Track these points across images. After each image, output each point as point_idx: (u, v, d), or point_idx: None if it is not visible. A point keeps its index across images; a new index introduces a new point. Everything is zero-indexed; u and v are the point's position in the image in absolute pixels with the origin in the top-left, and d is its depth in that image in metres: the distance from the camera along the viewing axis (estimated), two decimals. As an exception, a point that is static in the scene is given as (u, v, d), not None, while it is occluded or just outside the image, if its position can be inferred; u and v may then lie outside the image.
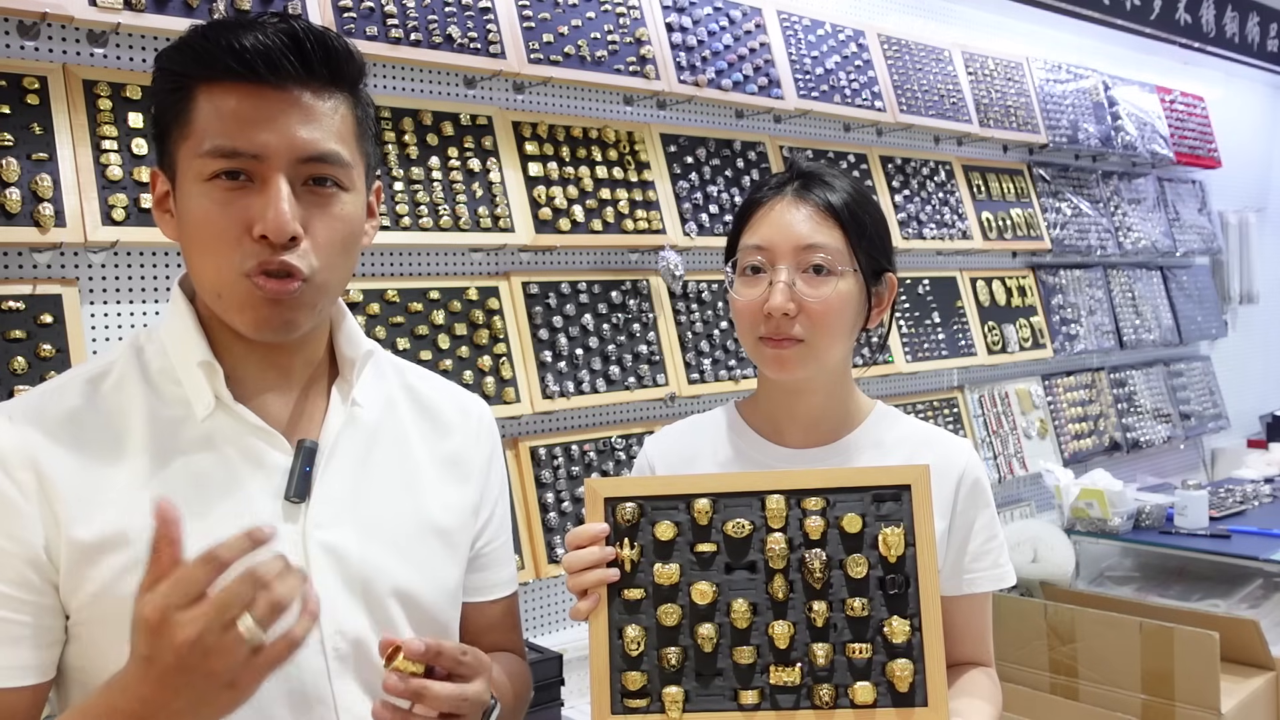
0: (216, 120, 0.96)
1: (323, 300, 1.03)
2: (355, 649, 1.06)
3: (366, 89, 1.08)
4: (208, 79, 0.97)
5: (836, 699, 1.14)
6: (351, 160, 1.03)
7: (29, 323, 1.80)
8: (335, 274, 1.03)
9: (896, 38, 3.44)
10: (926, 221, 3.46)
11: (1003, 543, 1.37)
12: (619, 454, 2.58)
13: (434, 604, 1.14)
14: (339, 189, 1.02)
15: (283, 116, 0.97)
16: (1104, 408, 4.22)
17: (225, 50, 0.95)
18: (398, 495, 1.13)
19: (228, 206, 0.97)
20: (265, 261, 0.96)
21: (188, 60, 0.98)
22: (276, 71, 0.96)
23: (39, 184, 1.80)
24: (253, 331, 1.01)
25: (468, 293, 2.38)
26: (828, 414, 1.38)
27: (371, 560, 1.07)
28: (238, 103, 0.96)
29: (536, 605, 2.55)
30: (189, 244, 1.01)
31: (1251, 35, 5.22)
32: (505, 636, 1.29)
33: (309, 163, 0.99)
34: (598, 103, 2.71)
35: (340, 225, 1.02)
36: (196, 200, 0.98)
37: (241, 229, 0.96)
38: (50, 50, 1.91)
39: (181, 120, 0.99)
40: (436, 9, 2.30)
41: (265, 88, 0.97)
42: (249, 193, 0.97)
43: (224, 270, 0.98)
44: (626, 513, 1.19)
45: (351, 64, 1.03)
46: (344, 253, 1.04)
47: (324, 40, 0.99)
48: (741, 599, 1.16)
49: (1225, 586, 3.22)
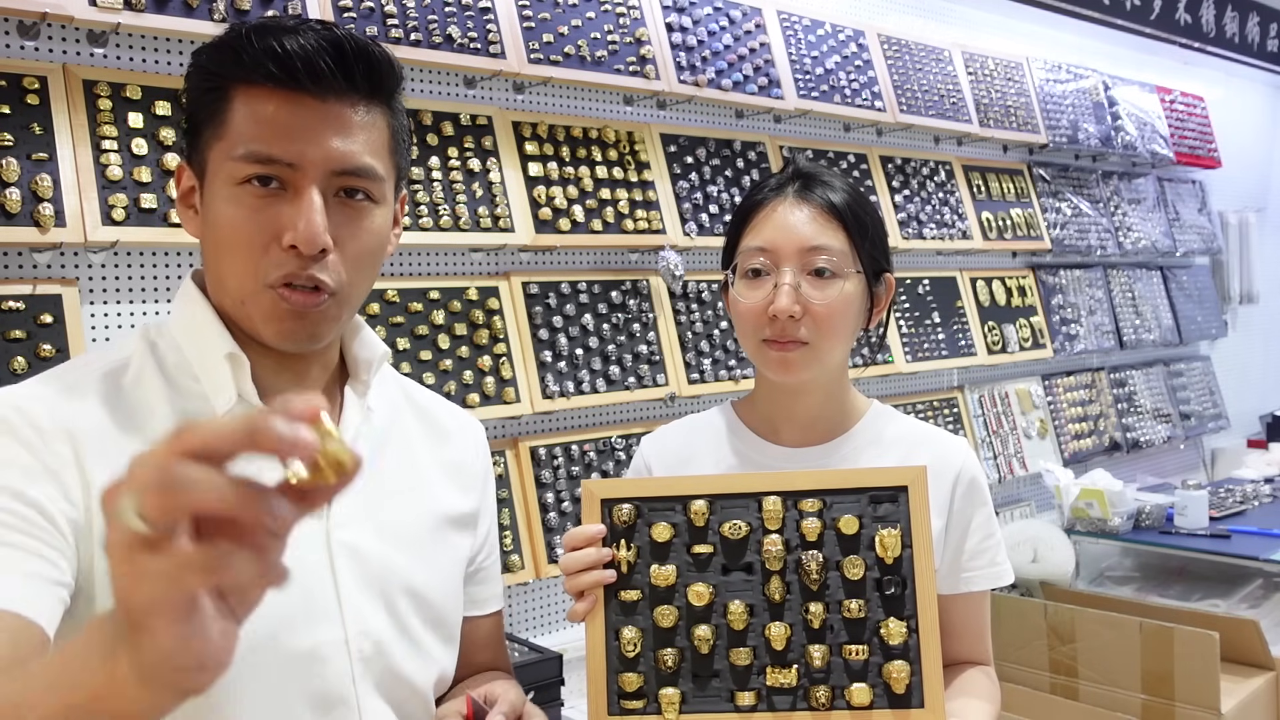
0: (253, 125, 0.95)
1: (346, 313, 1.03)
2: (377, 651, 1.04)
3: (402, 99, 1.06)
4: (246, 81, 0.95)
5: (833, 700, 1.14)
6: (385, 174, 1.01)
7: (29, 323, 1.80)
8: (360, 287, 1.03)
9: (896, 38, 3.44)
10: (926, 221, 3.46)
11: (999, 541, 1.37)
12: (619, 454, 2.58)
13: (443, 604, 1.13)
14: (370, 202, 1.00)
15: (321, 126, 0.95)
16: (1104, 408, 4.22)
17: (266, 54, 0.93)
18: (407, 496, 1.13)
19: (258, 213, 0.95)
20: (292, 274, 0.95)
21: (226, 60, 0.96)
22: (317, 80, 0.94)
23: (39, 184, 1.80)
24: (276, 342, 1.00)
25: (468, 293, 2.38)
26: (825, 414, 1.38)
27: (388, 560, 1.06)
28: (275, 109, 0.94)
29: (536, 605, 2.55)
30: (214, 246, 0.99)
31: (1251, 35, 5.22)
32: (496, 654, 1.29)
33: (343, 175, 0.97)
34: (598, 103, 2.71)
35: (369, 238, 1.01)
36: (226, 203, 0.96)
37: (270, 237, 0.95)
38: (50, 50, 1.91)
39: (216, 120, 0.97)
40: (436, 9, 2.30)
41: (304, 95, 0.95)
42: (280, 201, 0.95)
43: (248, 278, 0.97)
44: (623, 514, 1.19)
45: (391, 76, 1.01)
46: (370, 266, 1.03)
47: (366, 50, 0.97)
48: (738, 600, 1.17)
49: (1225, 586, 3.22)
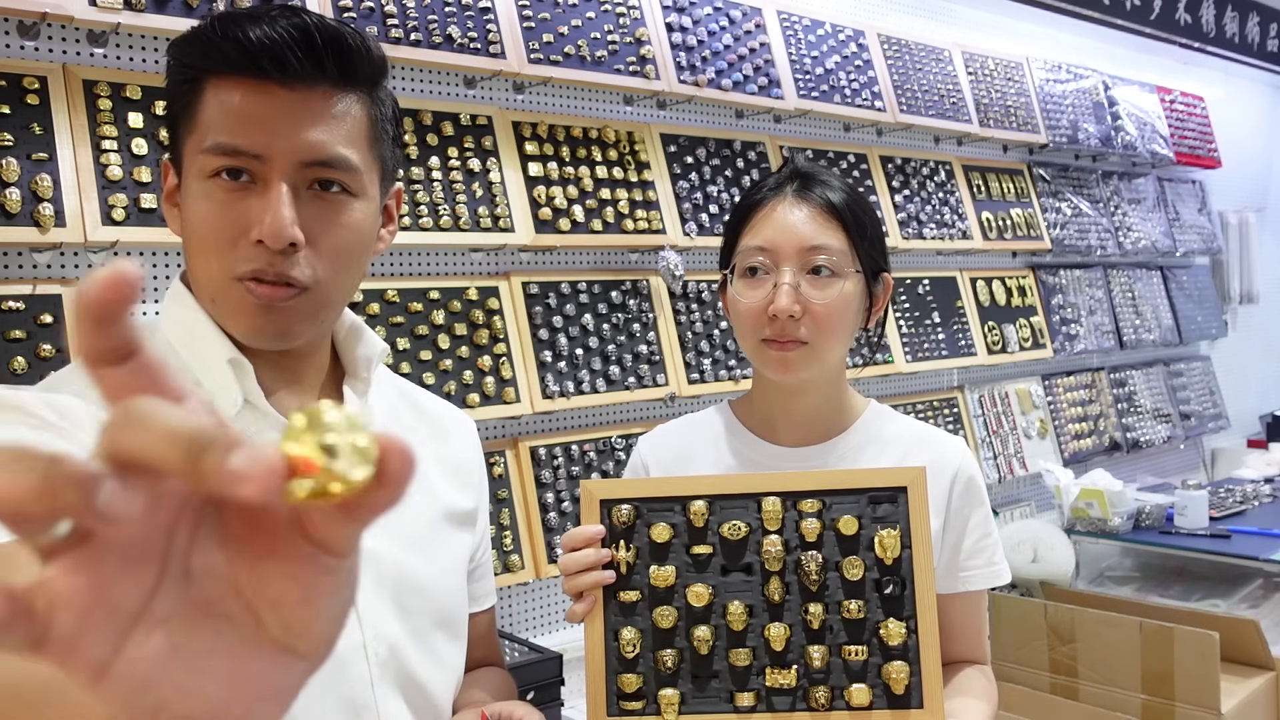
0: (221, 116, 0.92)
1: (326, 312, 0.99)
2: (392, 654, 1.03)
3: (387, 88, 1.02)
4: (215, 72, 0.93)
5: (832, 701, 1.14)
6: (362, 165, 0.97)
7: (29, 323, 1.80)
8: (339, 284, 0.98)
9: (896, 38, 3.44)
10: (926, 221, 3.46)
11: (997, 540, 1.37)
12: (619, 454, 2.58)
13: (451, 604, 1.13)
14: (347, 195, 0.97)
15: (289, 117, 0.92)
16: (1104, 408, 4.22)
17: (230, 43, 0.91)
18: (411, 496, 1.10)
19: (227, 207, 0.92)
20: (260, 270, 0.92)
21: (196, 52, 0.94)
22: (283, 68, 0.91)
23: (39, 184, 1.80)
24: (248, 339, 0.97)
25: (468, 293, 2.38)
26: (823, 413, 1.38)
27: (399, 561, 1.05)
28: (242, 99, 0.92)
29: (536, 605, 2.55)
30: (189, 242, 0.97)
31: (1251, 35, 5.22)
32: (489, 649, 1.30)
33: (314, 166, 0.94)
34: (598, 103, 2.71)
35: (346, 233, 0.97)
36: (197, 198, 0.94)
37: (238, 231, 0.92)
38: (50, 50, 1.91)
39: (189, 114, 0.95)
40: (436, 9, 2.30)
41: (272, 84, 0.92)
42: (250, 194, 0.92)
43: (216, 273, 0.94)
44: (622, 514, 1.19)
45: (367, 63, 0.97)
46: (350, 262, 0.98)
47: (338, 37, 0.94)
48: (737, 601, 1.17)
49: (1225, 586, 3.22)
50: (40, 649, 0.34)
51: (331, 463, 0.35)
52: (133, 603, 0.35)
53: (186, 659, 0.36)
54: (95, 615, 0.34)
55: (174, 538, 0.37)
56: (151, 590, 0.36)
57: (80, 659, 0.34)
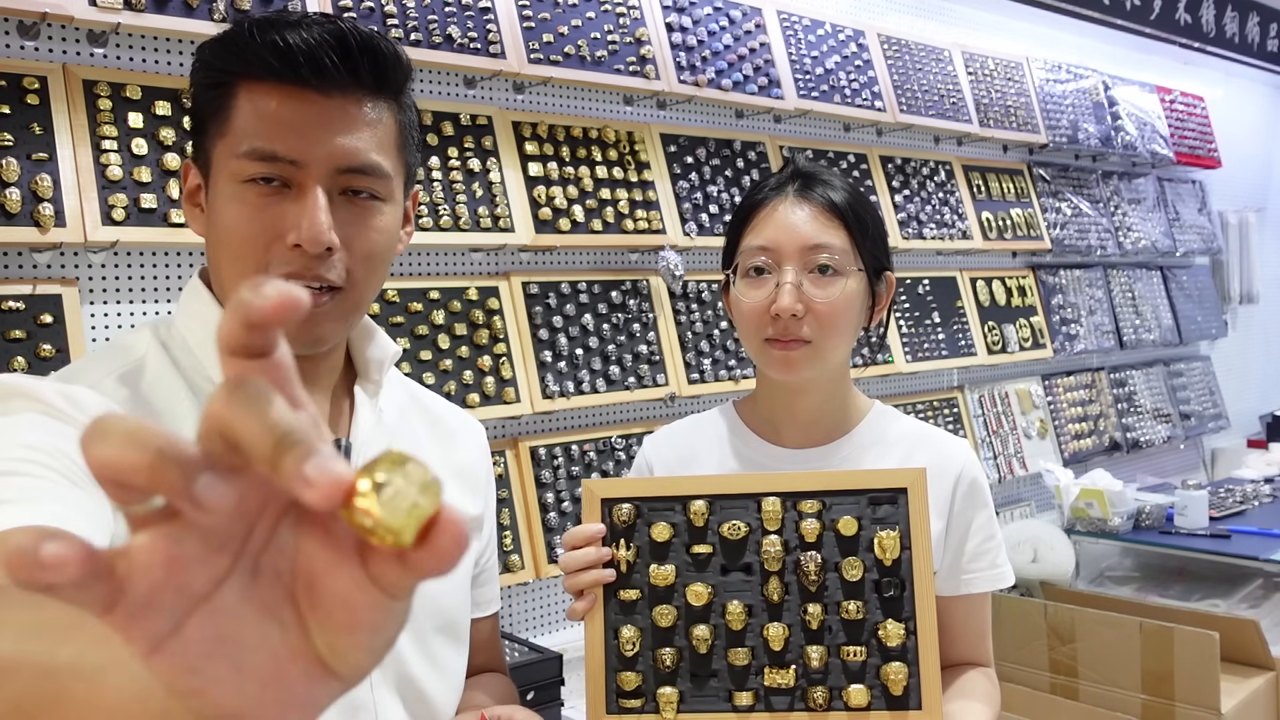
0: (256, 121, 0.93)
1: (355, 314, 1.01)
2: (392, 657, 1.02)
3: (411, 94, 1.04)
4: (250, 76, 0.93)
5: (830, 701, 1.14)
6: (392, 171, 0.99)
7: (29, 323, 1.80)
8: (370, 286, 1.00)
9: (896, 38, 3.44)
10: (926, 221, 3.46)
11: (1000, 543, 1.37)
12: (619, 454, 2.58)
13: (455, 610, 1.13)
14: (377, 200, 0.98)
15: (325, 123, 0.93)
16: (1104, 408, 4.22)
17: (269, 48, 0.91)
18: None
19: (262, 212, 0.93)
20: (296, 273, 0.93)
21: (230, 56, 0.94)
22: (321, 75, 0.92)
23: (39, 184, 1.80)
24: None
25: (468, 293, 2.38)
26: (826, 414, 1.38)
27: None
28: (279, 105, 0.93)
29: (536, 605, 2.55)
30: (218, 245, 0.97)
31: (1251, 35, 5.22)
32: (492, 654, 1.30)
33: (348, 173, 0.95)
34: (598, 103, 2.72)
35: (376, 237, 0.98)
36: (230, 201, 0.95)
37: (274, 236, 0.93)
38: (50, 50, 1.91)
39: (220, 117, 0.95)
40: (436, 9, 2.30)
41: (309, 91, 0.93)
42: (284, 199, 0.94)
43: (251, 275, 0.92)
44: (623, 514, 1.19)
45: (398, 70, 0.99)
46: (379, 265, 1.00)
47: (371, 44, 0.95)
48: (737, 601, 1.17)
49: (1225, 586, 3.22)
50: (110, 611, 0.35)
51: (383, 510, 0.36)
52: (202, 586, 0.37)
53: (233, 652, 0.38)
54: (167, 590, 0.36)
55: (252, 535, 0.38)
56: (221, 579, 0.38)
57: (143, 628, 0.36)
